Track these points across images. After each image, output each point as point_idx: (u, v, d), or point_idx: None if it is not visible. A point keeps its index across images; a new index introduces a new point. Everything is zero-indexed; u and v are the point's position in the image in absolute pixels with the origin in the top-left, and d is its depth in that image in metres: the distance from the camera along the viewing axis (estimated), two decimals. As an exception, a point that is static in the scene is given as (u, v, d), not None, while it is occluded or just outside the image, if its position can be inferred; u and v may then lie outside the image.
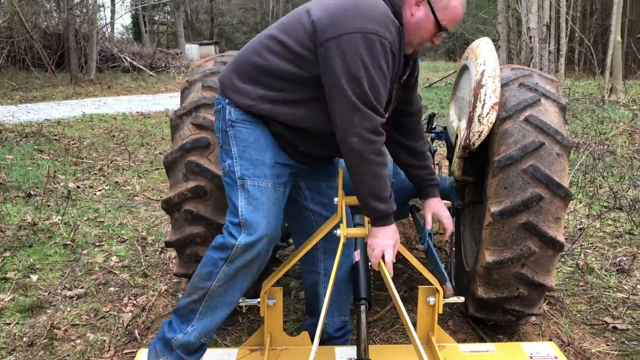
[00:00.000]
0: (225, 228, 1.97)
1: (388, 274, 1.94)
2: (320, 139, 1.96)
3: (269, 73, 1.89)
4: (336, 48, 1.74)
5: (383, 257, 1.96)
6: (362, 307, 2.13)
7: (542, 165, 2.30)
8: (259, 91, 1.92)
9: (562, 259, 3.63)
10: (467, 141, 2.44)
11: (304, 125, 1.93)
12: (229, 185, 1.99)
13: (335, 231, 2.09)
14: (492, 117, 2.36)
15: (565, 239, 4.02)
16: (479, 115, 2.37)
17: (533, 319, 2.82)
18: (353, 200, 2.14)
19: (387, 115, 1.98)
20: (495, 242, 2.39)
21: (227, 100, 1.99)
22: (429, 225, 2.33)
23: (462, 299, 2.29)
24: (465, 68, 2.85)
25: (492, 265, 2.39)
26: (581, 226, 4.20)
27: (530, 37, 7.91)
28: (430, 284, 2.24)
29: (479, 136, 2.38)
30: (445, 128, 3.47)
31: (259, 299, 2.21)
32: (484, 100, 2.37)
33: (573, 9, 12.50)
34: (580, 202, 4.84)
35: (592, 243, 3.93)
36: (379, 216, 1.93)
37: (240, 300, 2.21)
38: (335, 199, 2.11)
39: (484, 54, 2.52)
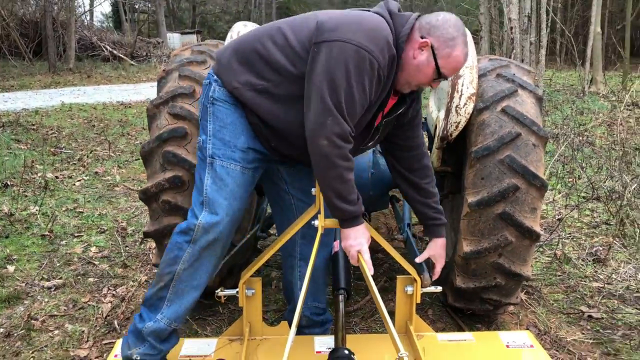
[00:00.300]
0: (189, 210, 2.02)
1: (369, 271, 1.94)
2: (292, 140, 1.97)
3: (264, 61, 1.91)
4: (327, 51, 1.77)
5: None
6: (341, 297, 2.14)
7: (518, 155, 2.32)
8: (248, 76, 1.93)
9: (541, 249, 3.69)
10: (445, 132, 2.45)
11: (278, 123, 1.94)
12: (200, 160, 2.03)
13: (313, 222, 2.09)
14: (469, 107, 2.38)
15: (544, 229, 4.09)
16: (457, 106, 2.39)
17: (511, 308, 2.86)
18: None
19: (372, 142, 2.05)
20: (473, 232, 2.41)
21: (215, 77, 2.01)
22: (420, 259, 2.28)
23: (439, 289, 2.31)
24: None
25: (469, 255, 2.41)
26: (559, 216, 4.26)
27: (512, 28, 7.96)
28: (408, 274, 2.25)
29: (457, 127, 2.40)
30: (426, 119, 3.48)
31: (237, 289, 2.21)
32: (461, 91, 2.38)
33: (554, 0, 12.59)
34: (560, 193, 4.90)
35: (570, 233, 3.99)
36: (348, 217, 1.93)
37: (219, 291, 2.21)
38: (314, 190, 2.11)
39: (462, 45, 2.52)
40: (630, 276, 3.23)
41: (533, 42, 8.52)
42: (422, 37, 1.86)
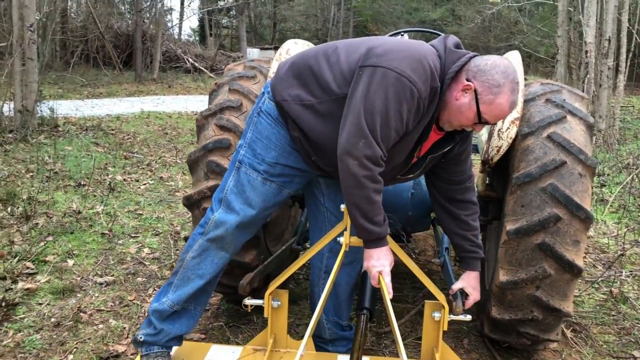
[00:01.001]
0: (210, 206, 2.19)
1: (388, 294, 1.93)
2: (330, 156, 2.00)
3: (314, 78, 1.98)
4: (370, 75, 1.81)
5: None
6: (362, 317, 2.12)
7: (562, 184, 2.22)
8: (299, 90, 2.00)
9: (596, 285, 3.47)
10: (486, 156, 2.39)
11: (319, 139, 1.99)
12: (232, 161, 2.17)
13: (338, 239, 2.10)
14: (512, 132, 2.30)
15: (603, 264, 3.85)
16: (499, 130, 2.32)
17: (554, 345, 2.71)
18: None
19: (412, 175, 2.10)
20: (510, 261, 2.33)
21: (269, 89, 2.10)
22: (453, 291, 2.23)
23: (468, 318, 2.23)
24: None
25: (506, 284, 2.32)
26: (621, 252, 3.99)
27: (586, 52, 7.58)
28: (437, 299, 2.20)
29: (498, 151, 2.33)
30: (477, 144, 3.40)
31: (263, 300, 2.24)
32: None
33: (639, 23, 11.83)
34: (626, 227, 4.59)
35: (631, 271, 3.72)
36: (372, 238, 1.94)
37: (246, 299, 2.26)
38: (342, 206, 2.12)
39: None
40: (693, 323, 2.96)
41: (611, 67, 8.07)
42: (467, 80, 1.85)
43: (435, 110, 1.89)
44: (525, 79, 2.69)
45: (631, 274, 3.66)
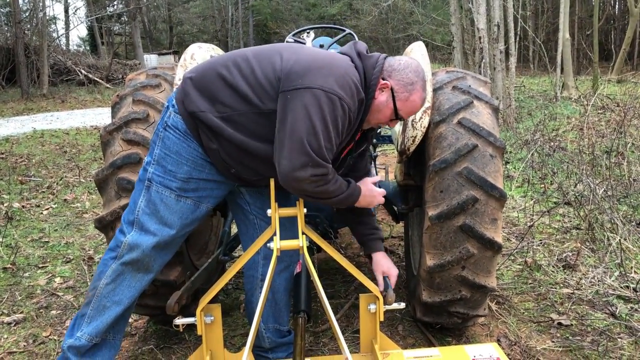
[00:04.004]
0: (119, 228, 2.09)
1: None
2: (254, 166, 1.99)
3: (229, 88, 1.92)
4: (300, 98, 1.81)
5: None
6: (300, 320, 2.09)
7: (475, 167, 2.31)
8: (212, 102, 1.93)
9: (512, 257, 3.68)
10: (403, 146, 2.43)
11: (241, 151, 1.94)
12: (139, 179, 2.07)
13: (268, 244, 2.05)
14: (425, 121, 2.36)
15: (516, 236, 4.09)
16: (412, 120, 2.37)
17: (481, 319, 2.83)
18: (287, 212, 2.11)
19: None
20: (435, 245, 2.39)
21: (173, 102, 2.01)
22: (381, 287, 2.27)
23: (402, 305, 2.27)
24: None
25: (433, 268, 2.39)
26: (531, 223, 4.27)
27: (480, 38, 8.05)
28: (370, 291, 2.21)
29: (413, 141, 2.38)
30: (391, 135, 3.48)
31: (195, 318, 2.14)
32: (416, 104, 2.36)
33: (523, 8, 12.82)
34: (532, 200, 4.92)
35: (541, 240, 3.99)
36: (354, 199, 2.07)
37: (177, 319, 2.15)
38: (269, 211, 2.07)
39: (416, 59, 2.52)
40: (598, 281, 3.23)
41: (502, 51, 8.62)
42: (383, 79, 1.96)
43: (363, 116, 1.98)
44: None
45: (541, 243, 3.93)
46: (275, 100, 1.87)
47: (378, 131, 3.52)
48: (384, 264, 2.27)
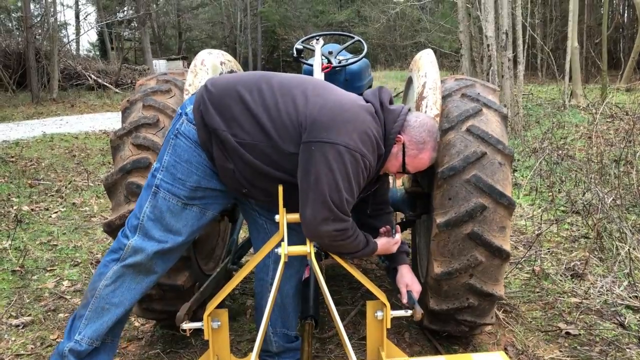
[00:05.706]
0: (121, 230, 2.08)
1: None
2: (268, 191, 2.01)
3: (249, 114, 1.92)
4: (326, 153, 1.84)
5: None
6: (308, 325, 2.09)
7: (484, 174, 2.31)
8: (231, 124, 1.93)
9: (519, 266, 3.66)
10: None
11: (258, 177, 1.97)
12: (147, 184, 2.06)
13: (276, 250, 2.05)
14: (434, 128, 2.36)
15: (523, 245, 4.07)
16: (421, 127, 2.37)
17: (488, 328, 2.82)
18: (295, 217, 2.11)
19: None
20: (443, 253, 2.38)
21: (187, 111, 2.00)
22: (404, 299, 2.28)
23: (409, 313, 2.26)
24: (410, 80, 2.86)
25: (441, 276, 2.38)
26: (539, 232, 4.25)
27: (488, 46, 8.05)
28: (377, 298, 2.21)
29: (422, 148, 2.38)
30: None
31: (202, 322, 2.15)
32: (425, 112, 2.37)
33: (531, 17, 12.82)
34: (539, 208, 4.90)
35: (549, 249, 3.97)
36: (370, 253, 2.13)
37: (184, 324, 2.15)
38: (277, 217, 2.08)
39: (425, 66, 2.54)
40: (607, 290, 3.20)
41: (510, 59, 8.62)
42: (398, 133, 2.02)
43: (380, 167, 2.05)
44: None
45: (549, 252, 3.90)
46: (295, 143, 1.90)
47: None
48: (408, 277, 2.29)
